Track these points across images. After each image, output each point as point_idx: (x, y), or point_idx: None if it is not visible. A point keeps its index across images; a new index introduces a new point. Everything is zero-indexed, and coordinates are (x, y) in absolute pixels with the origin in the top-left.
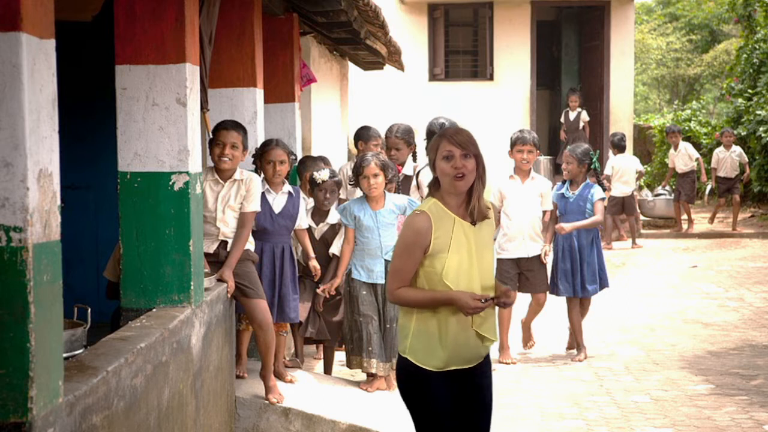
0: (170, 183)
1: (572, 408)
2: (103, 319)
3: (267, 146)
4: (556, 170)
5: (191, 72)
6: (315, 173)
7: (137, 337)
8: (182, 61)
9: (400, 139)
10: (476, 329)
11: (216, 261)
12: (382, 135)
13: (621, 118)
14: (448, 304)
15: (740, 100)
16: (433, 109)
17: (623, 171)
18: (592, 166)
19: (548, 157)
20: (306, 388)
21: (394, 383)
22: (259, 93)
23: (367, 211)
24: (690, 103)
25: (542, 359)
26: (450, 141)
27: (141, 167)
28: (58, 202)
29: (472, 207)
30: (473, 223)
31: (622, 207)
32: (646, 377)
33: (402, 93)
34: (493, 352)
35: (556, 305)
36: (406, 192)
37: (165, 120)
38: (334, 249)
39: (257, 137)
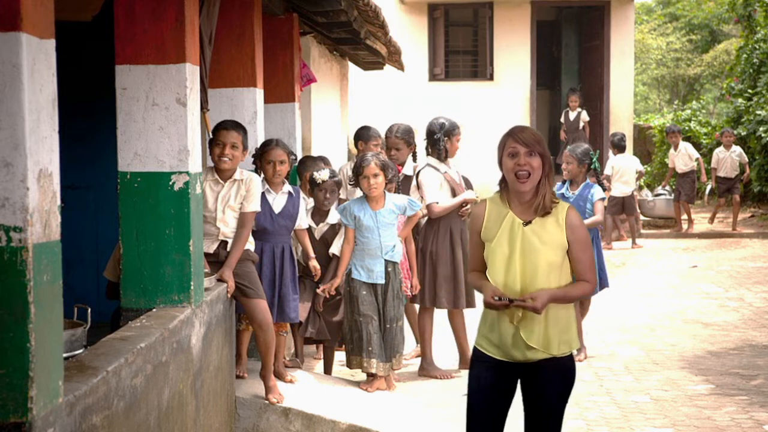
0: (170, 183)
1: (572, 408)
2: (103, 319)
3: (267, 146)
4: (556, 170)
5: (191, 72)
6: (315, 173)
7: (137, 337)
8: (182, 61)
9: (400, 139)
10: (516, 324)
11: (216, 261)
12: (382, 135)
13: (621, 118)
14: (481, 293)
15: (740, 100)
16: (433, 109)
17: (623, 171)
18: (592, 166)
19: None
20: (306, 388)
21: (394, 383)
22: (259, 93)
23: (367, 211)
24: (690, 103)
25: None
26: (515, 139)
27: (141, 167)
28: (58, 202)
29: (537, 204)
30: (528, 222)
31: (622, 207)
32: (646, 377)
33: (402, 93)
34: None
35: None
36: (406, 192)
37: (165, 120)
38: (334, 249)
39: (257, 137)
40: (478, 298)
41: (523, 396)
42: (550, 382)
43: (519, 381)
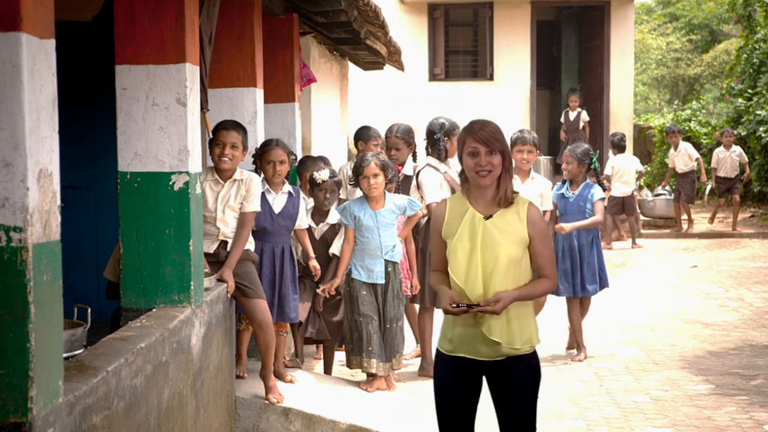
0: (170, 183)
1: (572, 408)
2: (103, 319)
3: (267, 146)
4: (556, 170)
5: (191, 72)
6: (315, 173)
7: (137, 337)
8: (182, 61)
9: (400, 139)
10: (480, 320)
11: (216, 261)
12: (382, 135)
13: (621, 118)
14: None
15: (740, 100)
16: (433, 109)
17: (623, 171)
18: (592, 166)
19: (548, 157)
20: (306, 388)
21: (394, 383)
22: (259, 93)
23: (367, 211)
24: (690, 103)
25: (542, 359)
26: (475, 138)
27: (141, 167)
28: (58, 202)
29: (499, 197)
30: (489, 216)
31: (622, 207)
32: (646, 377)
33: (402, 93)
34: None
35: (556, 305)
36: (406, 192)
37: (165, 120)
38: (334, 249)
39: (257, 137)
40: None
41: (492, 397)
42: (519, 379)
43: (486, 379)
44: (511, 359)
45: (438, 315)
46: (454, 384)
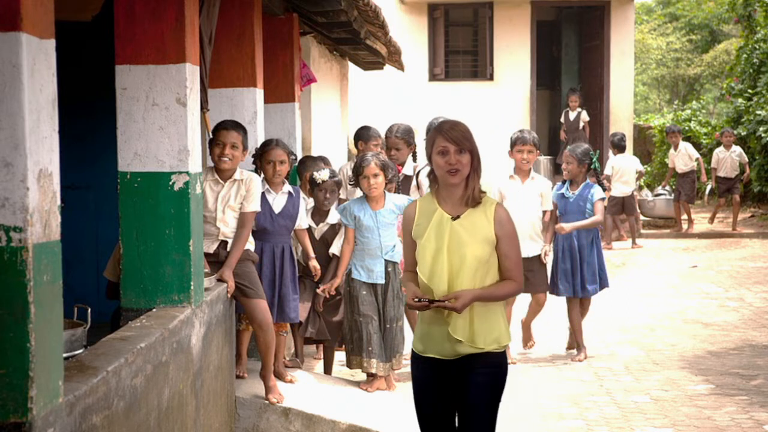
0: (170, 183)
1: (572, 408)
2: (103, 319)
3: (267, 146)
4: (556, 170)
5: (191, 72)
6: (315, 173)
7: (137, 337)
8: (182, 61)
9: (400, 139)
10: (447, 318)
11: (216, 261)
12: (382, 135)
13: (621, 118)
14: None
15: (740, 100)
16: (433, 109)
17: (623, 171)
18: (592, 166)
19: (548, 157)
20: (306, 388)
21: (394, 383)
22: (259, 93)
23: (367, 211)
24: (690, 103)
25: (542, 359)
26: (445, 137)
27: (141, 167)
28: (58, 202)
29: (467, 197)
30: (456, 217)
31: (622, 207)
32: (646, 377)
33: (402, 93)
34: None
35: (556, 305)
36: (406, 192)
37: (165, 120)
38: (334, 249)
39: (257, 137)
40: None
41: (448, 390)
42: (478, 376)
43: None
44: (473, 357)
45: None
46: (427, 384)
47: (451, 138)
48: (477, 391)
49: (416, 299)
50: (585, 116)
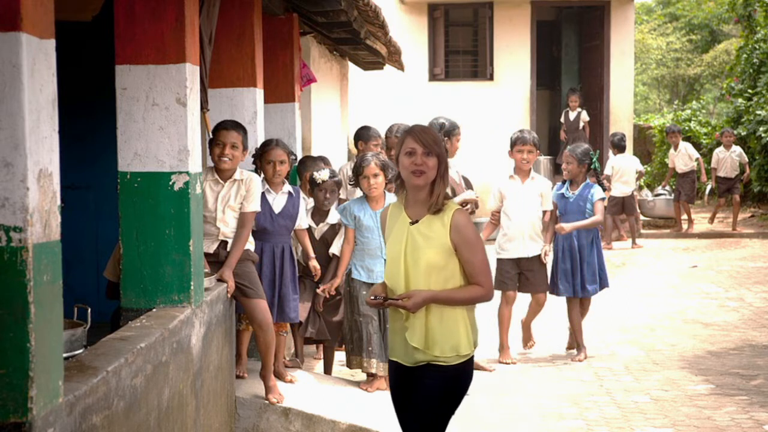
0: (170, 183)
1: (572, 408)
2: (103, 319)
3: (267, 146)
4: (556, 170)
5: (191, 72)
6: (315, 173)
7: (137, 337)
8: (182, 61)
9: None
10: (405, 323)
11: (216, 261)
12: (382, 135)
13: (621, 118)
14: None
15: (740, 100)
16: (433, 109)
17: (623, 171)
18: (592, 166)
19: (548, 157)
20: (306, 388)
21: None
22: (259, 93)
23: (367, 211)
24: (690, 103)
25: (542, 359)
26: (414, 138)
27: (141, 167)
28: (58, 202)
29: (432, 202)
30: (414, 222)
31: (622, 207)
32: (646, 377)
33: (402, 93)
34: (494, 352)
35: (556, 305)
36: None
37: (165, 120)
38: (334, 249)
39: (257, 137)
40: None
41: (406, 393)
42: (429, 385)
43: None
44: (430, 366)
45: None
46: (396, 387)
47: (420, 140)
48: (424, 398)
49: (373, 297)
50: (585, 116)
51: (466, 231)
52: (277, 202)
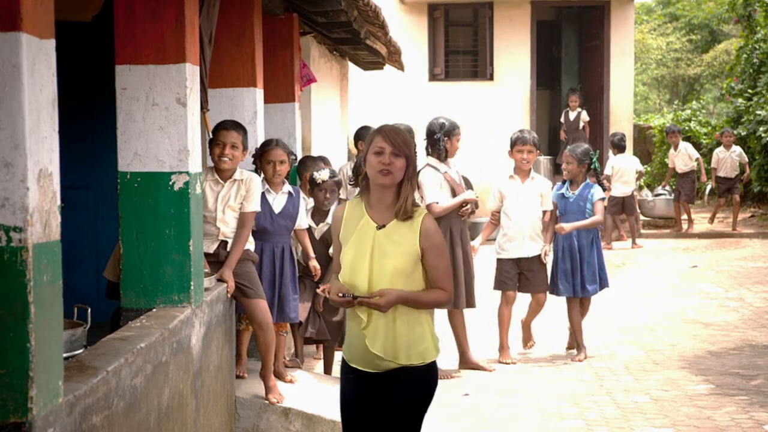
0: (170, 183)
1: (572, 408)
2: (103, 319)
3: (267, 146)
4: (556, 170)
5: (191, 72)
6: (315, 173)
7: (137, 337)
8: (182, 61)
9: None
10: (363, 331)
11: (216, 261)
12: None
13: (621, 118)
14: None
15: (740, 100)
16: (433, 109)
17: (623, 171)
18: (592, 166)
19: (548, 157)
20: (306, 388)
21: None
22: (259, 93)
23: None
24: (690, 103)
25: (542, 359)
26: (384, 137)
27: (141, 167)
28: (58, 202)
29: (398, 207)
30: (382, 226)
31: (622, 207)
32: (646, 377)
33: (402, 93)
34: (494, 352)
35: (556, 305)
36: None
37: (165, 120)
38: None
39: (257, 137)
40: (479, 298)
41: (370, 403)
42: (399, 393)
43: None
44: (399, 372)
45: (438, 315)
46: (351, 394)
47: (390, 140)
48: (399, 411)
49: (340, 294)
50: (585, 116)
51: (435, 237)
52: (277, 202)
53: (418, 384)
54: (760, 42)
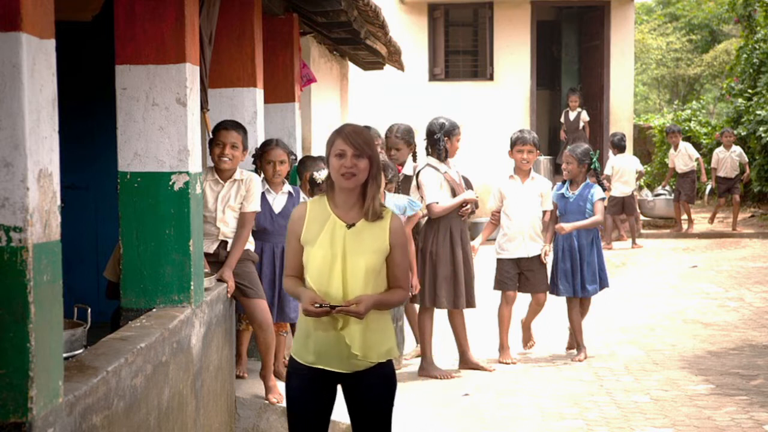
0: (170, 183)
1: (572, 408)
2: (103, 319)
3: (267, 146)
4: (556, 170)
5: (191, 72)
6: (315, 173)
7: (137, 337)
8: (182, 61)
9: (400, 139)
10: (341, 331)
11: (216, 261)
12: (382, 135)
13: (621, 118)
14: (299, 300)
15: (740, 100)
16: (433, 109)
17: (623, 171)
18: (592, 166)
19: (548, 157)
20: None
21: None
22: (259, 93)
23: None
24: (690, 103)
25: (542, 359)
26: (344, 140)
27: (141, 167)
28: (58, 202)
29: (366, 207)
30: (351, 225)
31: (622, 207)
32: (646, 377)
33: (402, 93)
34: (494, 352)
35: (556, 305)
36: (406, 192)
37: (165, 120)
38: None
39: (257, 137)
40: (479, 298)
41: (347, 406)
42: (375, 388)
43: (341, 389)
44: (370, 371)
45: (438, 315)
46: (308, 396)
47: (351, 142)
48: (378, 407)
49: (316, 305)
50: (585, 116)
51: (403, 235)
52: (277, 202)
53: (389, 381)
54: (760, 42)
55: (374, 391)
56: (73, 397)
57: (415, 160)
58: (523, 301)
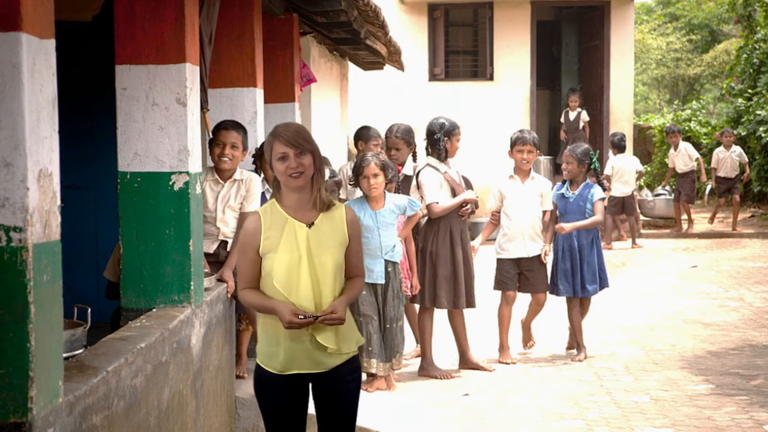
0: (170, 183)
1: (572, 408)
2: (103, 319)
3: None
4: (556, 170)
5: (191, 72)
6: None
7: (137, 337)
8: (182, 61)
9: (400, 139)
10: (312, 333)
11: (216, 261)
12: (382, 135)
13: (621, 118)
14: (272, 313)
15: (740, 100)
16: (433, 109)
17: (623, 171)
18: (592, 166)
19: (548, 157)
20: None
21: (394, 383)
22: (259, 93)
23: (367, 211)
24: (690, 103)
25: (542, 359)
26: (284, 142)
27: (141, 167)
28: (58, 202)
29: (314, 198)
30: (311, 224)
31: (622, 207)
32: (646, 377)
33: (402, 93)
34: (494, 352)
35: (556, 305)
36: (406, 192)
37: (165, 120)
38: None
39: (257, 137)
40: (479, 298)
41: (316, 403)
42: (346, 381)
43: (311, 387)
44: (341, 365)
45: (438, 315)
46: (285, 403)
47: (291, 142)
48: (349, 400)
49: (301, 316)
50: (585, 116)
51: (359, 225)
52: None
53: (357, 372)
54: (760, 42)
55: (344, 382)
56: (73, 397)
57: (415, 160)
58: (523, 301)
